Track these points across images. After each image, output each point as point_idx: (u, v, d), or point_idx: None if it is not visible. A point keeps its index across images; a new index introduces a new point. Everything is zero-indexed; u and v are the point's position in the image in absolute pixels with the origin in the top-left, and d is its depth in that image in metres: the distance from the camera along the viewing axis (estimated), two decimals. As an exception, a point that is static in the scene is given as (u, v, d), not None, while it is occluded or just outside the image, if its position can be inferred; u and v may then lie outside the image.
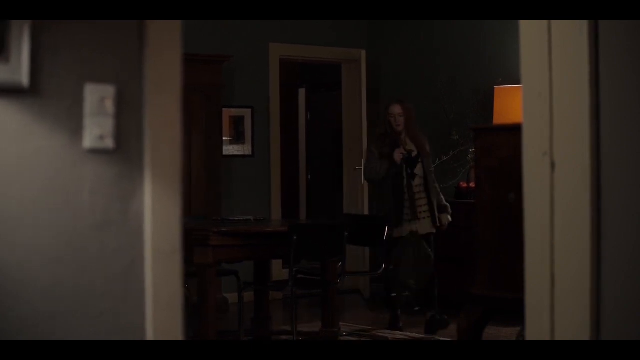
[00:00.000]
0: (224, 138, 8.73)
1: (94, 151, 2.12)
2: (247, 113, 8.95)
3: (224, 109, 8.66)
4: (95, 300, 2.12)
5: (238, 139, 8.88)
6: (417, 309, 7.35)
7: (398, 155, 7.22)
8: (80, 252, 2.11)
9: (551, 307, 2.33)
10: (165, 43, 2.17)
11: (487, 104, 8.28)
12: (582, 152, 2.22)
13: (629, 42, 2.16)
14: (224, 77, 8.51)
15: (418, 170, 7.31)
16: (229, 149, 8.80)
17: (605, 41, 2.18)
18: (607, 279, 2.21)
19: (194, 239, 5.59)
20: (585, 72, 2.21)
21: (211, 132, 8.30)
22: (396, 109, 7.44)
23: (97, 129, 2.11)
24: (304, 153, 12.18)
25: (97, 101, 2.11)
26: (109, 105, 2.12)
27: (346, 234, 5.77)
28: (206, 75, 8.19)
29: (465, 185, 8.29)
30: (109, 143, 2.13)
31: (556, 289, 2.31)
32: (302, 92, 12.21)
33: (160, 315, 2.15)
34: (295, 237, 5.46)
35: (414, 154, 7.33)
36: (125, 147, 2.16)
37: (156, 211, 2.17)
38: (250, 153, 8.96)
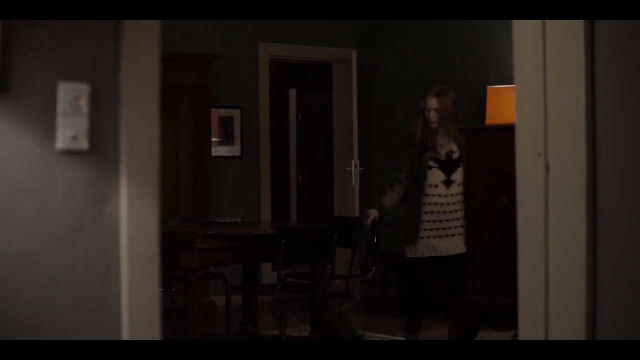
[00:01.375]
0: (212, 139, 8.70)
1: (68, 152, 2.06)
2: (236, 113, 8.90)
3: (212, 110, 8.62)
4: (69, 309, 2.07)
5: (227, 139, 8.83)
6: None
7: (368, 218, 6.36)
8: (53, 259, 2.06)
9: (545, 314, 2.27)
10: (142, 42, 2.12)
11: (480, 105, 8.21)
12: (577, 153, 2.17)
13: (626, 42, 2.11)
14: (212, 77, 8.46)
15: (456, 176, 5.93)
16: (218, 150, 8.74)
17: (601, 41, 2.14)
18: (603, 285, 2.16)
19: (180, 241, 5.54)
20: (580, 72, 2.16)
21: (199, 132, 8.25)
22: (431, 103, 6.33)
23: (70, 130, 2.06)
24: (294, 154, 12.15)
25: (71, 100, 2.06)
26: (83, 105, 2.06)
27: (335, 236, 5.70)
28: (194, 75, 8.14)
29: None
30: (83, 144, 2.07)
31: (550, 294, 2.26)
32: (292, 93, 12.18)
33: (137, 324, 2.08)
34: (283, 240, 5.39)
35: (455, 155, 6.10)
36: (101, 149, 2.10)
37: (133, 215, 2.12)
38: (240, 154, 8.89)
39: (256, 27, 8.95)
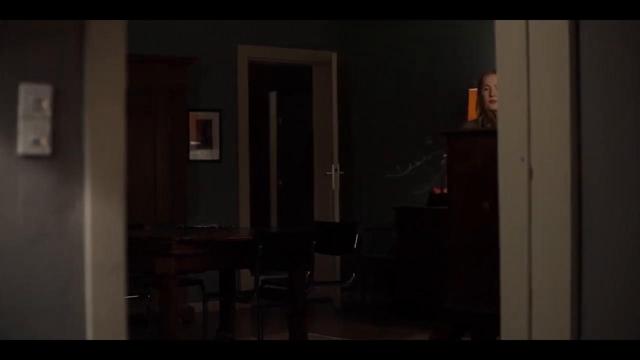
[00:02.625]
0: (191, 142, 8.63)
1: (29, 157, 1.99)
2: (214, 117, 8.85)
3: (190, 113, 8.57)
4: (30, 321, 1.98)
5: (205, 143, 8.76)
6: None
7: None
8: (13, 269, 1.98)
9: (528, 324, 2.24)
10: (107, 42, 2.07)
11: (461, 107, 8.16)
12: (562, 157, 2.14)
13: (612, 43, 2.08)
14: (190, 79, 8.39)
15: None
16: (197, 154, 8.69)
17: (586, 41, 2.11)
18: (589, 294, 2.12)
19: (155, 247, 5.48)
20: (565, 73, 2.12)
21: (177, 136, 8.18)
22: (493, 79, 5.60)
23: (32, 133, 1.99)
24: (274, 158, 12.10)
25: (33, 102, 2.00)
26: (46, 107, 1.99)
27: (314, 242, 5.64)
28: (171, 78, 8.07)
29: (439, 191, 8.18)
30: (45, 148, 2.00)
31: (534, 304, 2.22)
32: (273, 96, 12.13)
33: (102, 335, 2.04)
34: (260, 246, 5.32)
35: None
36: (64, 153, 2.03)
37: (97, 223, 2.06)
38: (218, 158, 8.81)
39: (235, 29, 8.90)
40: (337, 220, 8.96)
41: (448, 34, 8.62)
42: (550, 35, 2.15)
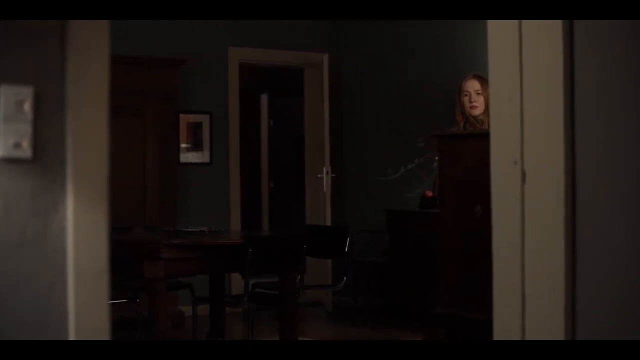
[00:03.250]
0: (181, 145, 8.59)
1: (9, 161, 1.95)
2: (205, 119, 8.82)
3: (181, 115, 8.55)
4: (10, 330, 1.93)
5: (196, 146, 8.71)
6: None
7: None
8: None
9: (522, 331, 2.21)
10: (90, 43, 2.03)
11: (453, 109, 8.11)
12: (555, 161, 2.11)
13: (607, 43, 2.05)
14: (181, 81, 8.35)
15: None
16: (187, 157, 8.66)
17: (580, 42, 2.09)
18: (583, 301, 2.10)
19: (144, 251, 5.43)
20: (559, 74, 2.10)
21: (167, 139, 8.14)
22: (473, 85, 5.72)
23: (12, 136, 1.94)
24: (266, 161, 12.07)
25: (13, 104, 1.95)
26: (27, 109, 1.95)
27: (305, 246, 5.60)
28: (162, 80, 8.02)
29: (431, 194, 8.14)
30: (27, 151, 1.96)
31: (527, 311, 2.20)
32: (264, 98, 12.09)
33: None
34: (250, 250, 5.28)
35: None
36: (45, 157, 1.98)
37: (80, 228, 2.01)
38: (209, 161, 8.77)
39: (226, 30, 8.87)
40: (328, 223, 8.93)
41: (440, 35, 8.60)
42: (543, 36, 2.12)
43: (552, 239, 2.11)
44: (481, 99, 5.61)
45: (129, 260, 5.46)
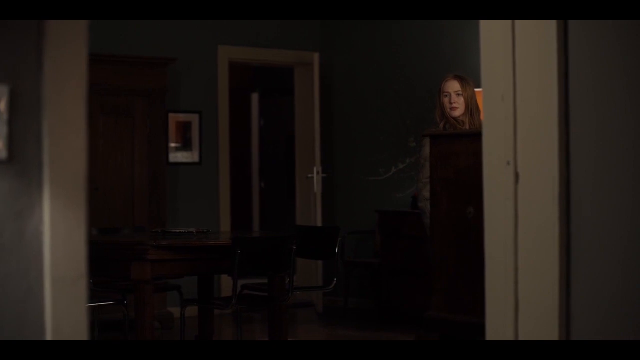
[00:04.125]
0: (171, 145, 8.57)
1: None
2: (195, 119, 8.77)
3: (170, 114, 8.50)
4: None
5: (185, 145, 8.68)
6: None
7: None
8: None
9: (515, 336, 2.17)
10: (68, 42, 2.00)
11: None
12: (550, 161, 2.07)
13: (602, 43, 2.03)
14: (169, 80, 8.30)
15: None
16: (177, 156, 8.61)
17: (575, 41, 2.06)
18: (578, 304, 2.06)
19: (131, 252, 5.40)
20: (553, 73, 2.06)
21: (156, 138, 8.09)
22: (453, 85, 5.52)
23: None
24: (257, 160, 12.01)
25: None
26: (3, 109, 1.94)
27: (294, 247, 5.56)
28: (150, 79, 7.97)
29: (422, 194, 8.10)
30: (2, 152, 1.93)
31: (521, 315, 2.16)
32: (255, 97, 12.05)
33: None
34: (238, 252, 5.23)
35: None
36: (21, 158, 1.95)
37: (57, 231, 1.98)
38: (198, 160, 8.72)
39: (215, 29, 8.83)
40: (319, 223, 8.90)
41: (432, 34, 8.56)
42: (537, 34, 2.09)
43: (546, 241, 2.08)
44: (461, 100, 5.48)
45: (116, 261, 5.43)
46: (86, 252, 1.95)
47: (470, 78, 5.60)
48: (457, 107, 5.41)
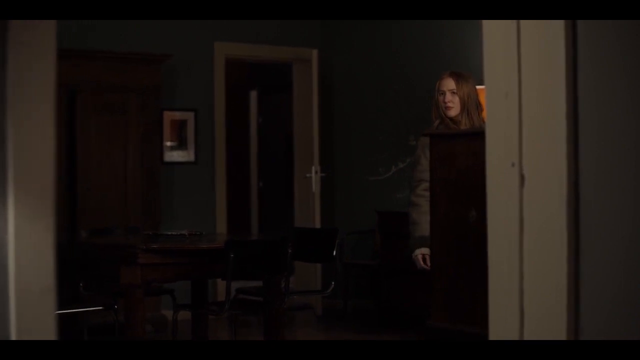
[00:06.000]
0: (165, 143, 8.55)
1: None
2: (190, 117, 8.76)
3: (165, 112, 8.45)
4: None
5: (181, 144, 8.67)
6: None
7: (421, 262, 5.03)
8: None
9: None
10: (34, 43, 1.91)
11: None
12: (557, 162, 2.01)
13: (612, 42, 1.98)
14: (164, 77, 8.26)
15: None
16: (172, 155, 8.59)
17: (584, 38, 2.01)
18: (586, 315, 1.98)
19: (120, 256, 5.32)
20: (561, 68, 1.98)
21: (150, 137, 8.04)
22: (447, 83, 5.19)
23: None
24: (255, 159, 11.96)
25: None
26: None
27: (290, 250, 5.49)
28: (144, 76, 7.90)
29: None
30: None
31: (526, 326, 2.09)
32: (253, 95, 12.00)
33: None
34: (232, 255, 5.13)
35: None
36: None
37: (23, 241, 1.90)
38: (194, 159, 8.65)
39: (211, 25, 8.79)
40: (318, 224, 8.86)
41: (433, 32, 8.49)
42: (544, 32, 2.04)
43: (553, 248, 2.00)
44: (456, 99, 5.12)
45: (106, 264, 5.36)
46: (54, 263, 1.83)
47: (469, 74, 5.34)
48: (452, 106, 5.12)
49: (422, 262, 5.01)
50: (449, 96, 5.10)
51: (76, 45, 7.56)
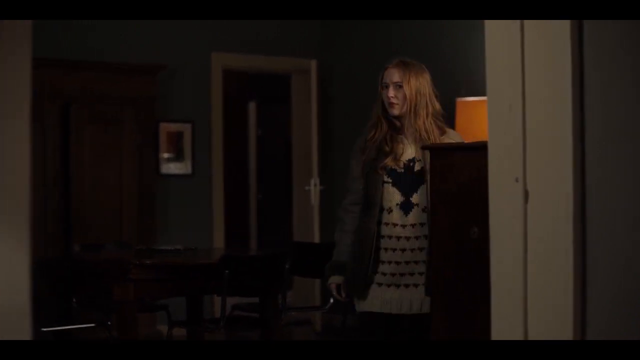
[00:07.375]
0: (162, 155, 8.50)
1: None
2: (187, 128, 8.73)
3: (161, 124, 8.40)
4: None
5: (177, 156, 8.64)
6: None
7: (335, 292, 4.60)
8: None
9: None
10: (6, 49, 1.80)
11: (448, 119, 7.88)
12: (562, 177, 1.98)
13: (622, 46, 1.95)
14: (160, 88, 8.22)
15: (418, 198, 4.12)
16: (168, 167, 8.57)
17: (591, 44, 1.97)
18: (595, 336, 1.96)
19: (112, 272, 5.28)
20: (567, 80, 1.96)
21: (146, 148, 8.00)
22: (393, 74, 4.30)
23: None
24: (254, 172, 11.92)
25: None
26: None
27: (287, 266, 5.41)
28: (139, 86, 7.87)
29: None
30: None
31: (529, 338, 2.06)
32: (252, 106, 11.96)
33: None
34: (227, 271, 5.07)
35: (418, 166, 4.16)
36: None
37: None
38: (190, 172, 8.60)
39: (208, 35, 8.76)
40: (317, 238, 8.79)
41: (433, 40, 8.42)
42: (549, 35, 2.01)
43: (558, 266, 1.97)
44: (401, 94, 4.20)
45: (98, 280, 5.34)
46: (29, 283, 1.72)
47: (422, 66, 4.43)
48: (395, 102, 4.20)
49: (335, 293, 4.55)
50: (391, 90, 4.21)
51: (70, 56, 7.52)
